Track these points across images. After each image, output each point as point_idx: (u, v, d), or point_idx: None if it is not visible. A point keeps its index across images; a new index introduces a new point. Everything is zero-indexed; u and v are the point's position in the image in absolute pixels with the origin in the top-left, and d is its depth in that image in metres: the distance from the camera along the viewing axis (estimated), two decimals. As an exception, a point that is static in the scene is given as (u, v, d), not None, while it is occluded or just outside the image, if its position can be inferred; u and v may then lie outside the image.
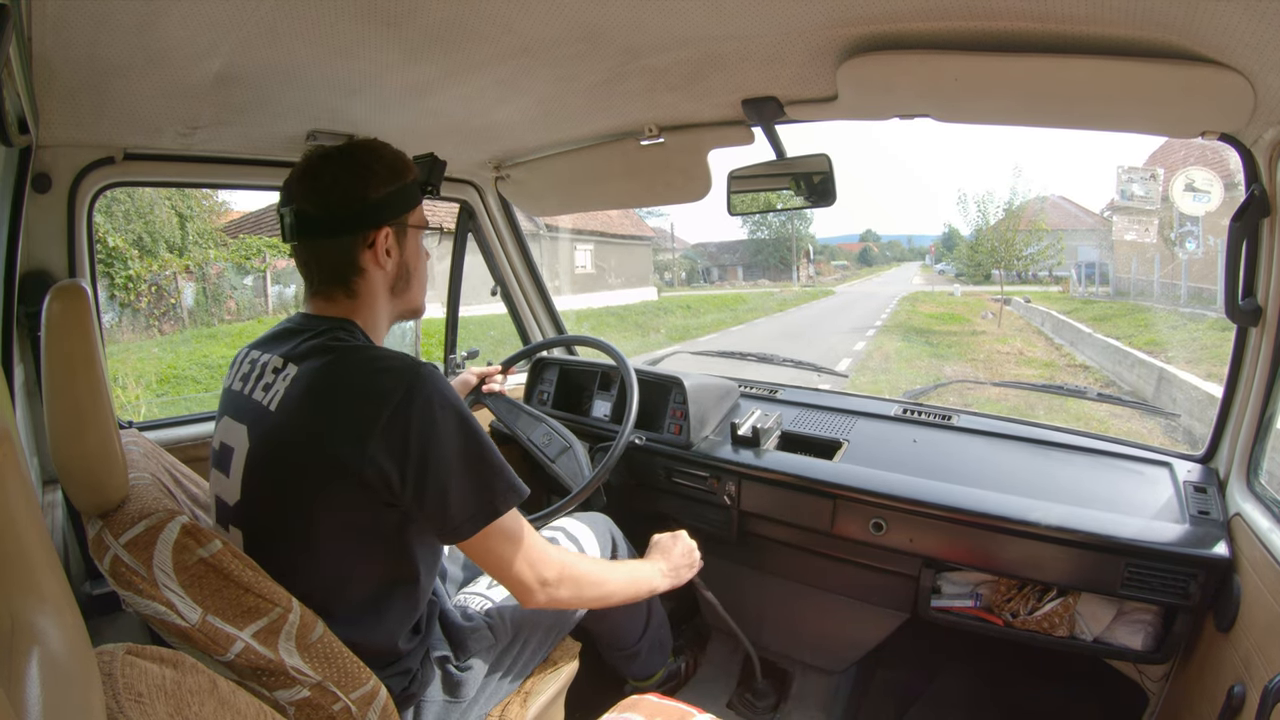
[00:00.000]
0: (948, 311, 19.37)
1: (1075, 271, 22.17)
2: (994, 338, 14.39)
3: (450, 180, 1.83)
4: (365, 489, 0.84)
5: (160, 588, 0.75)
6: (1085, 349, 11.42)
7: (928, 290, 28.02)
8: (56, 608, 0.38)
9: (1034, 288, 23.39)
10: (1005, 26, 0.83)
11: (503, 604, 1.15)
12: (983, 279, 26.01)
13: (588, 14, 0.85)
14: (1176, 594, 1.10)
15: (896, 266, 51.05)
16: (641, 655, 1.48)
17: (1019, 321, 16.49)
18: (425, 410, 0.84)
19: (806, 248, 41.45)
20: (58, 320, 0.72)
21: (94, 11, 0.76)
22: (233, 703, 0.61)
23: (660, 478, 1.62)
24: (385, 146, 0.98)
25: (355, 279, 0.96)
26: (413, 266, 1.02)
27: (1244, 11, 0.70)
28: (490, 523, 0.89)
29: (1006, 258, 21.49)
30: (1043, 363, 11.46)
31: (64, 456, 0.75)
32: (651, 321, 17.68)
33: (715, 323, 18.43)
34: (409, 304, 1.04)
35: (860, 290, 32.40)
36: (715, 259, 40.51)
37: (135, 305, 9.99)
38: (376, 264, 0.96)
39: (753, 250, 40.23)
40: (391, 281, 1.00)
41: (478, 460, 0.88)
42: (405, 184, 0.98)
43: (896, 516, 1.31)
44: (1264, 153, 0.97)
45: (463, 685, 1.04)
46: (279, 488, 0.88)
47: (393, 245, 0.97)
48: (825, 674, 1.68)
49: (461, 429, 0.87)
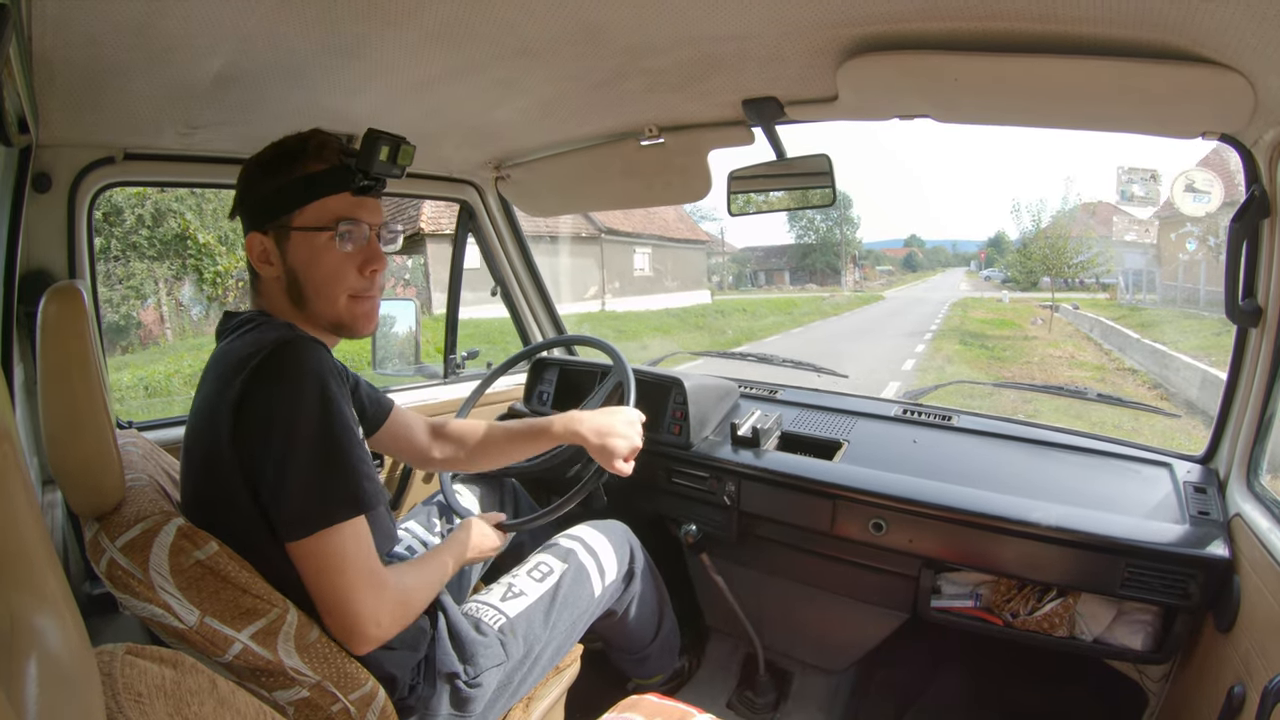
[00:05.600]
0: (998, 317, 19.82)
1: (1122, 279, 22.31)
2: (1046, 342, 14.77)
3: (450, 180, 1.83)
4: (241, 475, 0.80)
5: (157, 590, 0.75)
6: (1133, 354, 11.77)
7: (976, 296, 28.41)
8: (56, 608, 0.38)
9: (1081, 294, 23.60)
10: (1005, 27, 0.83)
11: (516, 619, 1.12)
12: (1030, 285, 26.27)
13: (588, 14, 0.85)
14: (1176, 594, 1.10)
15: (942, 272, 51.34)
16: (651, 658, 1.49)
17: (1068, 327, 16.84)
18: (273, 386, 0.78)
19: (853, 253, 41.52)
20: (54, 322, 0.72)
21: (94, 11, 0.76)
22: (232, 702, 0.61)
23: (660, 478, 1.62)
24: (294, 136, 0.90)
25: (256, 283, 0.93)
26: (303, 275, 0.89)
27: (1244, 12, 0.70)
28: (320, 529, 0.79)
29: (1057, 265, 21.71)
30: (1093, 366, 11.83)
31: (60, 459, 0.75)
32: (714, 324, 18.04)
33: (775, 325, 18.83)
34: (320, 318, 0.92)
35: (909, 295, 32.63)
36: (762, 263, 40.87)
37: (223, 300, 10.86)
38: (261, 270, 0.90)
39: (800, 255, 40.48)
40: (285, 290, 0.90)
41: (324, 452, 0.79)
42: (288, 179, 0.87)
43: (896, 517, 1.31)
44: (1264, 153, 0.97)
45: (471, 701, 1.02)
46: (195, 484, 0.87)
47: (271, 249, 0.88)
48: (825, 674, 1.68)
49: (309, 412, 0.78)
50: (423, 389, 1.91)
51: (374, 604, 0.83)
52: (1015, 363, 12.64)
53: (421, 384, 1.93)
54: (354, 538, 0.81)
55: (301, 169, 0.88)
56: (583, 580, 1.23)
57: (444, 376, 1.97)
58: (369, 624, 0.83)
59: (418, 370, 1.94)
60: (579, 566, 1.24)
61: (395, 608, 0.86)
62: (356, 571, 0.81)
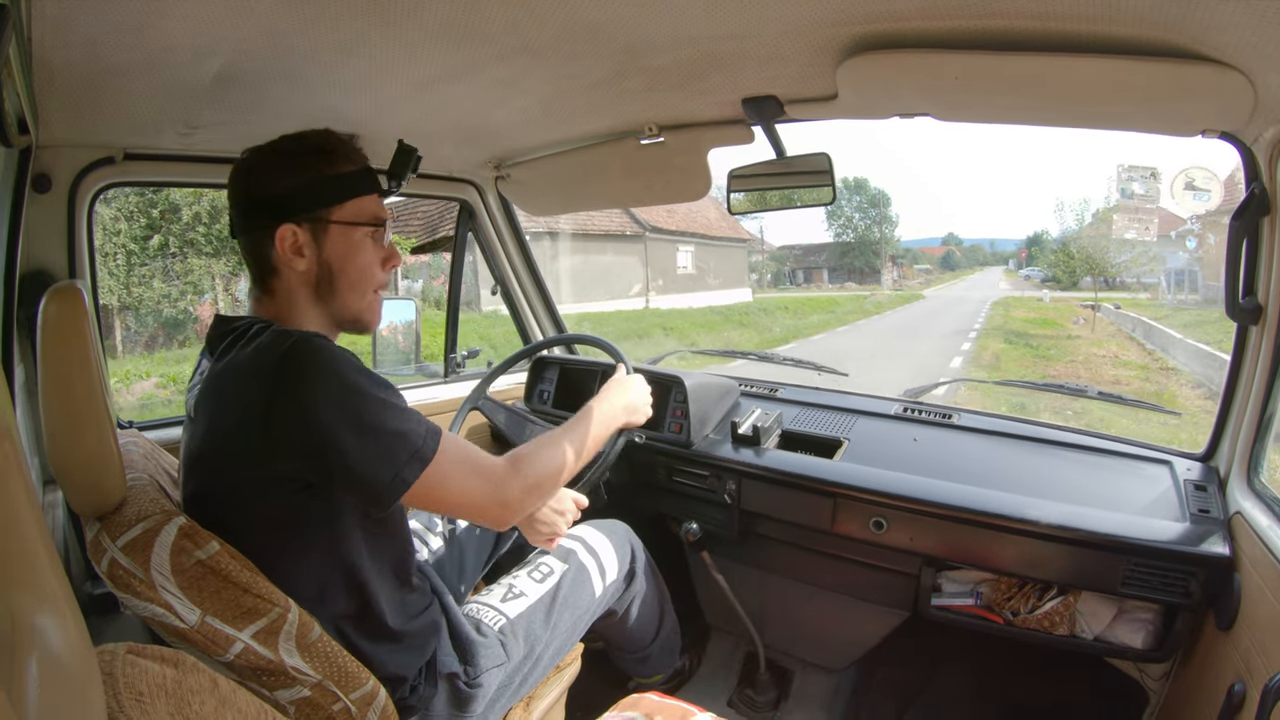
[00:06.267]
0: (1040, 316, 19.83)
1: (1164, 279, 22.01)
2: (1089, 341, 14.86)
3: (450, 180, 1.83)
4: (275, 480, 0.80)
5: (158, 590, 0.75)
6: (1176, 353, 11.81)
7: (1017, 295, 28.29)
8: (57, 607, 0.38)
9: (1122, 294, 23.47)
10: (1005, 25, 0.83)
11: (516, 620, 1.12)
12: (1071, 285, 26.16)
13: (589, 13, 0.85)
14: (1177, 592, 1.10)
15: (980, 271, 50.88)
16: (652, 658, 1.49)
17: (1110, 327, 16.87)
18: (303, 385, 0.78)
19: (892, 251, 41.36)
20: (54, 322, 0.72)
21: (94, 11, 0.76)
22: (233, 702, 0.61)
23: (661, 476, 1.62)
24: (312, 136, 0.92)
25: (271, 279, 0.92)
26: (338, 268, 0.92)
27: (1244, 10, 0.70)
28: (403, 494, 0.82)
29: (1100, 264, 21.52)
30: (1138, 365, 11.95)
31: (61, 459, 0.74)
32: (759, 322, 18.04)
33: (821, 323, 18.88)
34: (341, 311, 0.95)
35: (949, 295, 32.53)
36: (800, 261, 40.71)
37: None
38: (285, 263, 0.90)
39: (838, 253, 40.33)
40: (312, 283, 0.92)
41: (372, 430, 0.81)
42: (324, 175, 0.90)
43: (897, 515, 1.31)
44: (1264, 151, 0.97)
45: (471, 701, 1.02)
46: (201, 490, 0.86)
47: (305, 242, 0.90)
48: (826, 672, 1.68)
49: (347, 398, 0.80)
50: (423, 388, 1.91)
51: (493, 491, 0.89)
52: (1060, 361, 12.74)
53: (422, 383, 1.94)
54: (447, 461, 0.85)
55: (335, 167, 0.91)
56: (583, 580, 1.23)
57: (444, 376, 1.98)
58: (495, 508, 0.90)
59: (418, 369, 1.95)
60: (579, 567, 1.24)
61: (520, 483, 0.92)
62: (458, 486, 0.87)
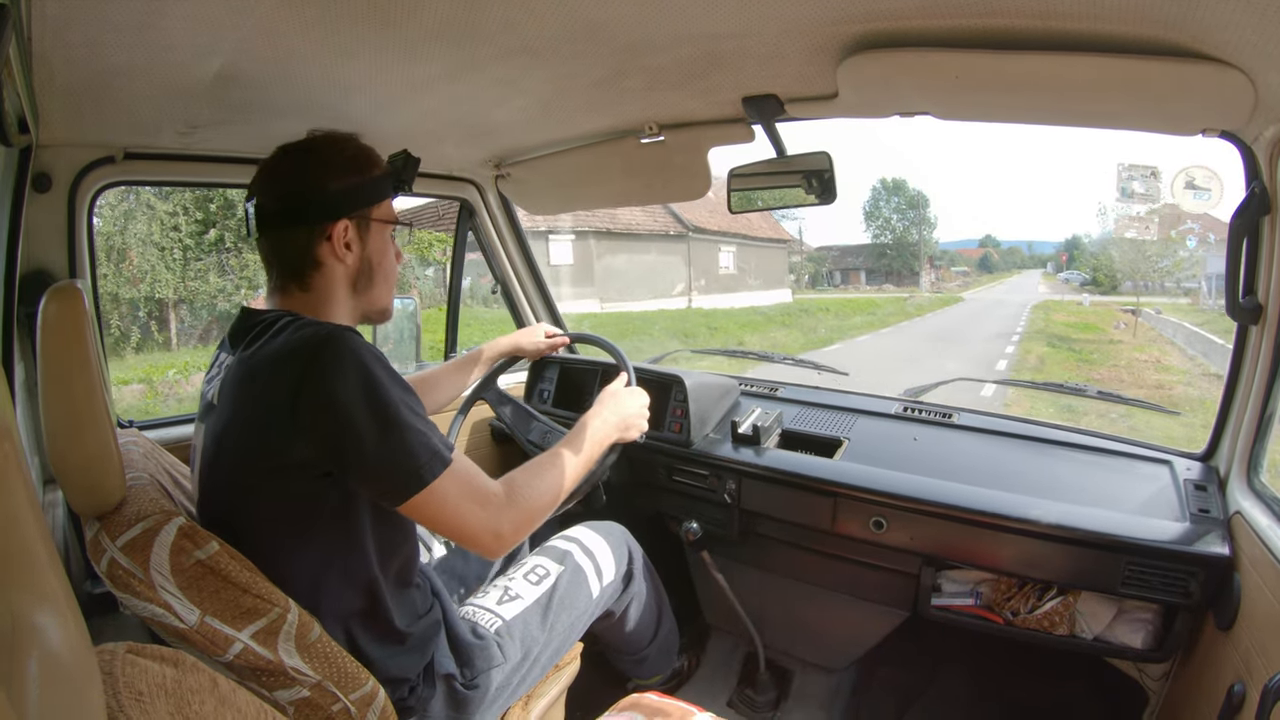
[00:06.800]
0: (1080, 320, 19.89)
1: (1205, 284, 21.78)
2: (1131, 346, 14.94)
3: (450, 179, 1.83)
4: (297, 467, 0.82)
5: (157, 590, 0.75)
6: (1217, 359, 11.79)
7: (1057, 299, 28.29)
8: (57, 606, 0.38)
9: (1162, 299, 23.36)
10: (1005, 24, 0.83)
11: (513, 622, 1.13)
12: (1111, 289, 26.10)
13: (589, 12, 0.85)
14: (1177, 592, 1.10)
15: (1018, 274, 50.72)
16: (650, 659, 1.49)
17: (1151, 332, 16.91)
18: (332, 375, 0.80)
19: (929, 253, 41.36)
20: (54, 322, 0.72)
21: (94, 11, 0.76)
22: (233, 701, 0.61)
23: (661, 476, 1.62)
24: (350, 140, 0.98)
25: (311, 273, 0.95)
26: (376, 262, 0.99)
27: (1244, 9, 0.70)
28: (418, 492, 0.84)
29: (1143, 269, 21.42)
30: (1179, 370, 12.05)
31: (61, 458, 0.75)
32: (802, 323, 18.07)
33: (865, 324, 18.94)
34: (373, 303, 1.02)
35: (988, 297, 32.58)
36: (838, 262, 40.69)
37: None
38: (335, 257, 0.95)
39: (876, 255, 40.28)
40: (353, 277, 0.98)
41: (395, 425, 0.83)
42: (369, 177, 0.97)
43: (897, 514, 1.31)
44: (1264, 150, 0.96)
45: (469, 702, 1.03)
46: (223, 481, 0.87)
47: (353, 238, 0.95)
48: (826, 672, 1.68)
49: (374, 391, 0.82)
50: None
51: (488, 520, 0.90)
52: (1103, 365, 12.85)
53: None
54: (451, 478, 0.87)
55: (376, 168, 0.99)
56: (580, 582, 1.23)
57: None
58: (488, 538, 0.91)
59: (418, 369, 1.94)
60: (576, 568, 1.24)
61: (514, 515, 0.93)
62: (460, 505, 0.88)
